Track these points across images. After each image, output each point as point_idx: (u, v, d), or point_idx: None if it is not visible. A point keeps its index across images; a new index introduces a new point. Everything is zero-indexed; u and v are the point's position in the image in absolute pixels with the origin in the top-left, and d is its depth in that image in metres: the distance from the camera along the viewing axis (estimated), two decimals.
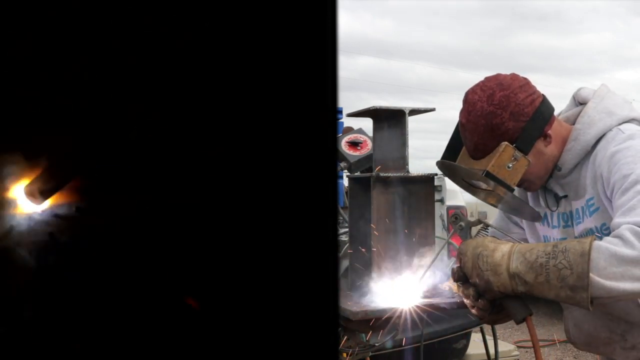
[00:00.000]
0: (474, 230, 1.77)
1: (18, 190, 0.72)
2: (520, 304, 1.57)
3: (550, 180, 1.82)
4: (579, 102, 1.88)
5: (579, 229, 1.78)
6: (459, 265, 1.60)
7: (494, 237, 1.69)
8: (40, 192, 0.72)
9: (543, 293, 1.47)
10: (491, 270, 1.51)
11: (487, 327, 3.41)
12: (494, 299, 1.57)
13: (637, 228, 1.43)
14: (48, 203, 0.73)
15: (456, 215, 1.67)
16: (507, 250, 1.52)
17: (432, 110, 2.00)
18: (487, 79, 1.75)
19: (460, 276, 1.59)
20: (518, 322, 1.59)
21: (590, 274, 1.40)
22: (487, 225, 1.68)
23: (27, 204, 0.72)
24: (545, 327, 7.18)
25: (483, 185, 1.75)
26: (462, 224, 1.66)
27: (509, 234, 2.01)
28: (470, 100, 1.73)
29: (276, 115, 0.69)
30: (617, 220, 1.51)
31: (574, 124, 1.80)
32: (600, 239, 1.51)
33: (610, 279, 1.41)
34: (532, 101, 1.70)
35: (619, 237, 1.44)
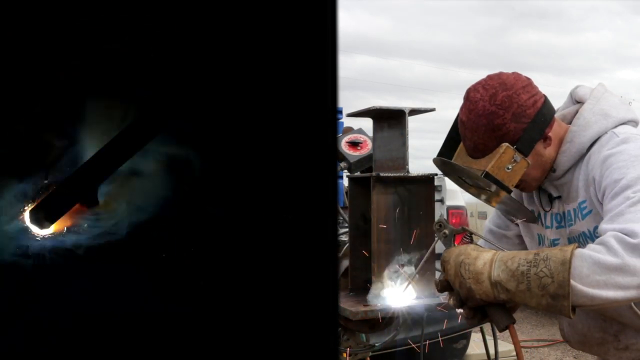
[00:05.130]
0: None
1: (24, 216, 0.72)
2: (503, 311, 1.55)
3: (545, 180, 1.80)
4: (576, 100, 1.87)
5: (570, 230, 1.77)
6: (442, 274, 1.59)
7: (476, 244, 1.68)
8: (45, 218, 0.72)
9: (525, 301, 1.46)
10: (473, 278, 1.50)
11: (487, 327, 3.40)
12: (476, 306, 1.56)
13: (622, 235, 1.40)
14: (53, 229, 0.72)
15: (440, 223, 1.66)
16: (489, 259, 1.50)
17: (432, 110, 1.98)
18: (490, 77, 1.73)
19: (444, 286, 1.58)
20: (501, 330, 1.57)
21: (573, 282, 1.39)
22: (471, 233, 1.66)
23: (32, 230, 0.72)
24: (545, 327, 7.18)
25: (481, 185, 1.74)
26: (446, 231, 1.65)
27: (505, 231, 2.01)
28: (472, 98, 1.70)
29: (276, 115, 0.69)
30: (604, 225, 1.50)
31: (570, 122, 1.79)
32: (592, 240, 1.49)
33: (593, 287, 1.39)
34: (534, 102, 1.68)
35: (604, 244, 1.42)
